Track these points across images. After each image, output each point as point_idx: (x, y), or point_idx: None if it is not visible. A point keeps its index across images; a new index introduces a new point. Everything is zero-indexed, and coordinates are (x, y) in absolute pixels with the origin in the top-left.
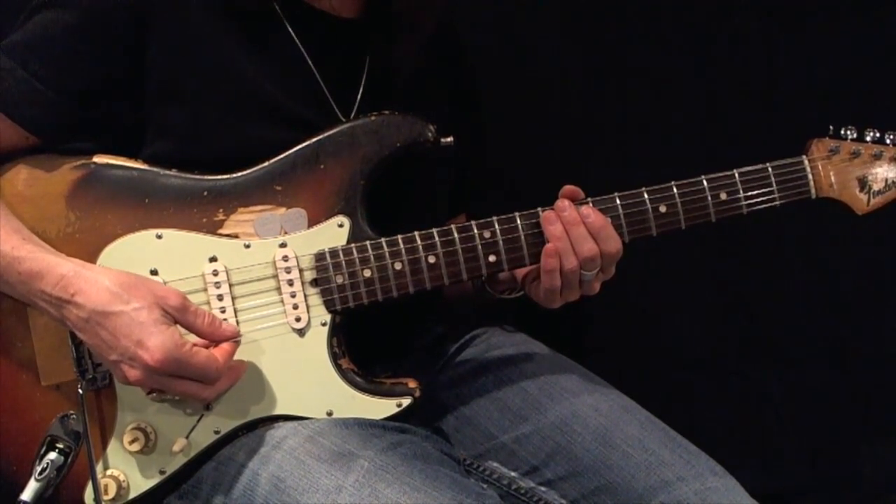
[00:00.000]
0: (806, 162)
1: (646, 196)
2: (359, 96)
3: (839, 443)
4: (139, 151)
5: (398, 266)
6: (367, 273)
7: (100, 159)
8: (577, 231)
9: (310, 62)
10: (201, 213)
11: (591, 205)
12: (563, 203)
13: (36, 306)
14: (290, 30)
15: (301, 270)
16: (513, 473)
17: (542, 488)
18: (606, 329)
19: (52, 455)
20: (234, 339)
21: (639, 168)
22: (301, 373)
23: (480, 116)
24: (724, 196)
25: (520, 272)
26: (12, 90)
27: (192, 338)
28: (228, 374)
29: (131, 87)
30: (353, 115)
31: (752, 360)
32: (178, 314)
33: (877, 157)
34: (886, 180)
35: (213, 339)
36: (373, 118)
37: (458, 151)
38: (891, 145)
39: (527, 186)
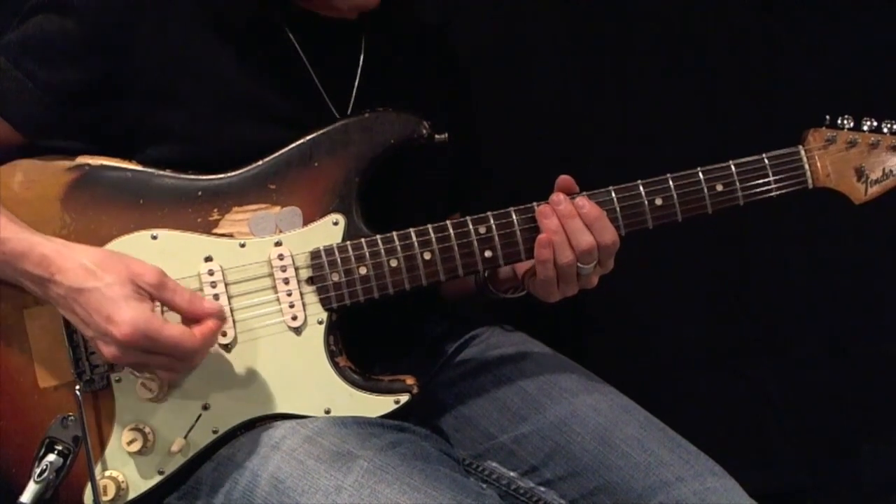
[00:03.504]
0: (802, 152)
1: (641, 189)
2: (354, 93)
3: (839, 443)
4: (133, 154)
5: (394, 263)
6: (363, 270)
7: (94, 161)
8: (574, 224)
9: (305, 61)
10: (196, 213)
11: (585, 196)
12: (557, 196)
13: (23, 286)
14: (285, 30)
15: (297, 269)
16: (512, 473)
17: (542, 488)
18: (606, 329)
19: (51, 457)
20: (217, 315)
21: (637, 165)
22: (298, 371)
23: (475, 115)
24: (720, 188)
25: (520, 268)
26: (4, 88)
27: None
28: (204, 343)
29: (124, 90)
30: (349, 112)
31: (752, 359)
32: (155, 290)
33: (874, 146)
34: (884, 169)
35: (194, 316)
36: (366, 115)
37: (453, 150)
38: (888, 134)
39: (523, 183)
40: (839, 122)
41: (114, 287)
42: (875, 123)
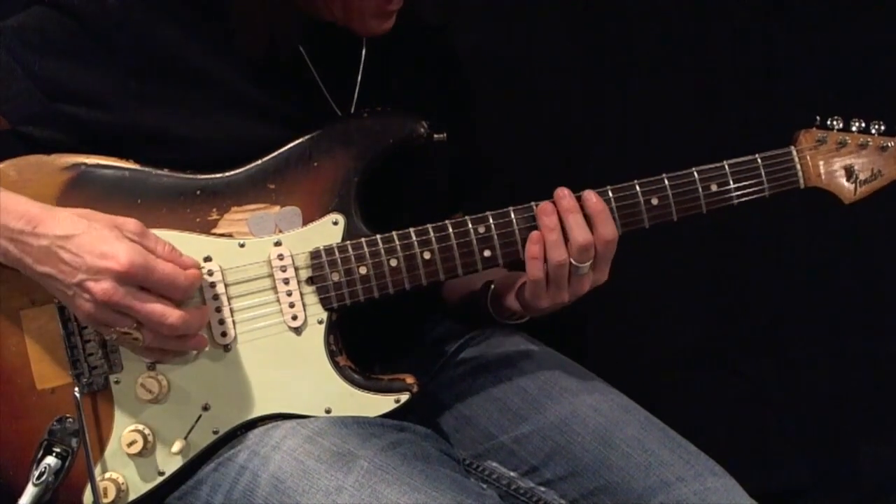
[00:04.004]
0: (794, 152)
1: (638, 189)
2: (356, 92)
3: (839, 443)
4: (130, 153)
5: (394, 263)
6: (363, 270)
7: (90, 160)
8: (575, 219)
9: (307, 60)
10: (195, 213)
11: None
12: (563, 191)
13: None
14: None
15: (296, 269)
16: (512, 473)
17: (542, 488)
18: (606, 329)
19: (50, 459)
20: (197, 265)
21: (637, 165)
22: (298, 371)
23: (475, 115)
24: (714, 188)
25: (519, 283)
26: None
27: None
28: (195, 314)
29: (119, 89)
30: (352, 111)
31: (752, 359)
32: (138, 238)
33: (863, 146)
34: (872, 170)
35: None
36: (365, 115)
37: (453, 149)
38: (876, 135)
39: (522, 183)
40: (829, 122)
41: (102, 230)
42: (863, 124)
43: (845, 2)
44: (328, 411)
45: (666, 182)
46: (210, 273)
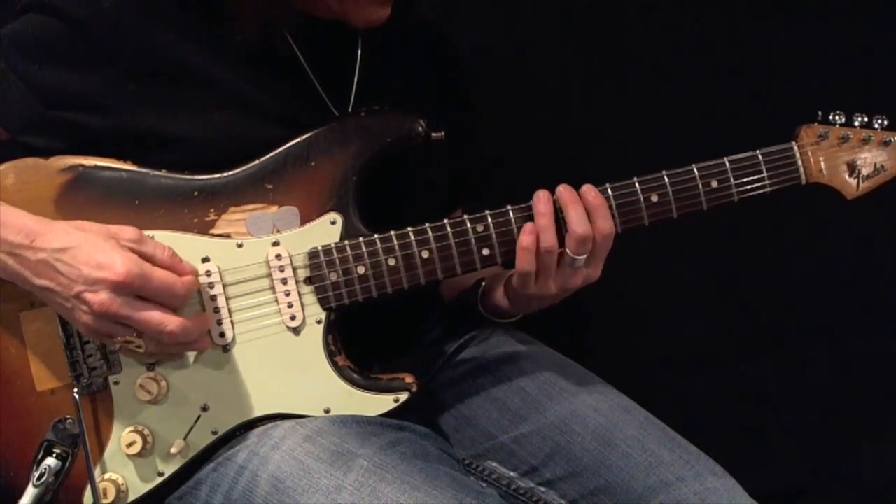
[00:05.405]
0: (795, 148)
1: (637, 186)
2: (353, 92)
3: (839, 443)
4: (126, 155)
5: (392, 262)
6: (361, 270)
7: (88, 161)
8: (576, 210)
9: (302, 60)
10: (192, 214)
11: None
12: (563, 186)
13: None
14: (284, 31)
15: (294, 269)
16: (512, 473)
17: (542, 488)
18: (606, 329)
19: (50, 460)
20: (195, 272)
21: (637, 165)
22: (297, 371)
23: (474, 113)
24: (714, 184)
25: (503, 277)
26: None
27: None
28: (195, 321)
29: (115, 92)
30: (349, 110)
31: (752, 359)
32: (136, 245)
33: (865, 141)
34: (875, 164)
35: (173, 271)
36: (363, 114)
37: (451, 147)
38: (879, 129)
39: (521, 182)
40: (831, 117)
41: (98, 241)
42: (866, 119)
43: (846, 1)
44: (327, 411)
45: (666, 179)
46: (208, 273)
